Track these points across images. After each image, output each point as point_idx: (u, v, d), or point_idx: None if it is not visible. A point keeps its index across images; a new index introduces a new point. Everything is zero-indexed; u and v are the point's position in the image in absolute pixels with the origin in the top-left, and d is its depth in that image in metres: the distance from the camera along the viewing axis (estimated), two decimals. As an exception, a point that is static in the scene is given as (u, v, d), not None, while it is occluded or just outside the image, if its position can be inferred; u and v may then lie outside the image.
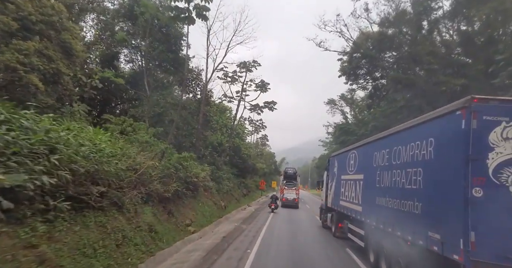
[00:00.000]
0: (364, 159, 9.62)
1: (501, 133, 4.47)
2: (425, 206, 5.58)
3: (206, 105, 20.74)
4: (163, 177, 10.11)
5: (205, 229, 12.66)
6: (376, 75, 28.14)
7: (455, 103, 5.03)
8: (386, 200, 7.26)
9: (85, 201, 5.96)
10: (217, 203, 17.93)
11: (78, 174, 5.77)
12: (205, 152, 21.34)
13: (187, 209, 12.58)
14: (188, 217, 12.03)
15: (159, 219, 9.59)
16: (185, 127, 20.11)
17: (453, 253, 4.59)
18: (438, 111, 5.53)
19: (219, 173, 21.27)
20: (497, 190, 4.40)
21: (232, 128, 30.45)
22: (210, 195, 17.57)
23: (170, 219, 10.43)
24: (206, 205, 15.43)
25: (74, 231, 5.54)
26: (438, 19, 22.27)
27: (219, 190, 20.29)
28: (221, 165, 23.59)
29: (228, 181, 23.97)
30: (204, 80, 21.09)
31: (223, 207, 18.62)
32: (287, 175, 29.89)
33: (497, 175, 4.44)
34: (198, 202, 14.55)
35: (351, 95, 43.75)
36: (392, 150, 7.23)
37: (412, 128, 6.44)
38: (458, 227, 4.52)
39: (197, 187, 14.15)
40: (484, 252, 4.28)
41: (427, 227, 5.38)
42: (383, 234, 7.33)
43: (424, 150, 5.69)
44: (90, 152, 6.49)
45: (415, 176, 5.99)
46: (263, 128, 53.19)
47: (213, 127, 26.44)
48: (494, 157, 4.46)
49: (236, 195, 26.13)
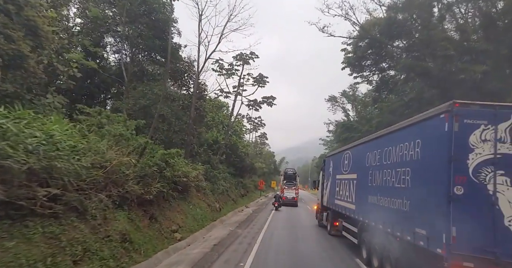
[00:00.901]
0: (357, 159, 9.91)
1: (480, 135, 4.78)
2: (413, 203, 5.88)
3: (199, 99, 19.13)
4: (144, 176, 8.78)
5: (195, 234, 11.34)
6: (383, 66, 25.80)
7: (439, 107, 5.34)
8: (377, 199, 7.57)
9: (26, 207, 4.64)
10: (211, 205, 16.52)
11: (15, 172, 4.44)
12: (198, 150, 19.80)
13: (174, 212, 11.25)
14: (175, 222, 10.69)
15: (138, 225, 8.24)
16: (177, 122, 18.28)
17: (437, 247, 4.87)
18: (424, 114, 5.86)
19: (214, 172, 19.79)
20: (476, 188, 4.69)
21: (229, 125, 28.98)
22: (203, 196, 16.19)
23: (152, 225, 9.08)
24: (198, 207, 14.08)
25: (5, 248, 4.23)
26: (452, 3, 19.91)
27: (214, 191, 18.81)
28: (217, 164, 22.12)
29: (224, 181, 22.55)
30: (196, 70, 19.22)
31: (218, 209, 17.23)
32: (287, 175, 31.07)
33: (477, 174, 4.72)
34: (188, 204, 13.21)
35: (353, 91, 42.32)
36: (383, 151, 7.52)
37: (402, 130, 6.75)
38: (441, 222, 4.80)
39: (187, 188, 12.81)
40: (464, 245, 4.57)
41: (414, 223, 5.67)
42: (374, 231, 7.68)
43: (412, 151, 5.99)
44: (39, 144, 5.16)
45: (403, 176, 6.27)
46: (262, 126, 51.88)
47: (209, 124, 25.05)
48: (474, 157, 4.75)
49: (233, 196, 24.44)
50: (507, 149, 4.74)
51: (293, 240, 11.93)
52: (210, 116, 28.67)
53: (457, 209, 4.64)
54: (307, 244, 11.42)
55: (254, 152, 50.52)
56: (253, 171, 38.67)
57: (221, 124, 28.52)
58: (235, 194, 26.20)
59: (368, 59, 25.88)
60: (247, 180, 34.71)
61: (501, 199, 4.63)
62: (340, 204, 11.28)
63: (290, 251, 9.89)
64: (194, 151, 18.64)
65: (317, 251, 10.18)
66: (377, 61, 25.67)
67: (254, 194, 38.64)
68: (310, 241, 12.01)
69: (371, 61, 26.02)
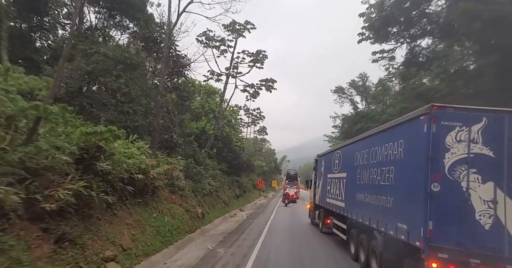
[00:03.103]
0: (347, 159, 10.20)
1: (455, 136, 5.13)
2: (396, 200, 6.22)
3: (177, 74, 14.92)
4: (38, 171, 5.03)
5: (151, 259, 7.54)
6: (415, 32, 19.42)
7: (419, 109, 5.64)
8: (364, 196, 7.92)
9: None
10: (190, 210, 12.49)
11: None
12: (177, 140, 15.42)
13: (120, 226, 7.44)
14: (116, 243, 6.87)
15: (20, 258, 4.51)
16: (146, 101, 13.12)
17: (416, 240, 5.21)
18: (406, 115, 6.18)
19: (197, 169, 15.77)
20: (451, 185, 5.04)
21: (220, 112, 23.96)
22: (179, 199, 12.24)
23: (61, 252, 5.33)
24: (167, 215, 10.24)
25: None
26: None
27: (197, 191, 15.01)
28: (203, 159, 18.40)
29: (214, 179, 18.77)
30: (167, 20, 13.97)
31: (200, 215, 13.36)
32: (289, 176, 36.59)
33: (452, 172, 5.08)
34: (151, 211, 9.43)
35: (363, 81, 37.98)
36: (370, 150, 7.83)
37: (387, 130, 7.06)
38: (419, 217, 5.14)
39: (147, 189, 9.07)
40: (440, 238, 4.93)
41: (397, 218, 5.97)
42: (361, 227, 8.07)
43: (396, 150, 6.34)
44: None
45: (388, 174, 6.65)
46: (261, 119, 47.46)
47: (196, 111, 21.33)
48: (450, 157, 5.10)
49: (224, 197, 20.59)
50: (479, 149, 5.07)
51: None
52: (199, 103, 24.73)
53: (434, 205, 4.99)
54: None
55: (253, 149, 46.89)
56: (251, 169, 35.25)
57: (212, 113, 24.47)
58: (228, 195, 22.57)
59: (395, 25, 19.50)
60: (244, 179, 31.76)
61: (473, 195, 4.98)
62: (331, 202, 11.64)
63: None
64: (173, 142, 14.78)
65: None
66: (407, 26, 19.00)
67: (253, 195, 35.90)
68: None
69: (399, 28, 19.60)
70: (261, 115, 46.76)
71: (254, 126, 50.62)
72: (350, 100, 40.29)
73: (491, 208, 4.91)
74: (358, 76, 39.03)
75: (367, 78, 38.63)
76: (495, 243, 4.83)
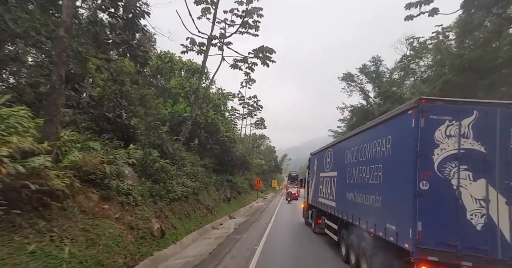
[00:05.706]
0: (338, 157, 9.99)
1: (445, 131, 4.89)
2: (384, 199, 6.01)
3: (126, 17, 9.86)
4: None
5: None
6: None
7: (407, 103, 5.54)
8: (354, 195, 7.76)
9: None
10: (139, 227, 7.80)
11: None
12: (129, 121, 10.78)
13: None
14: None
15: None
16: (37, 36, 7.88)
17: (405, 242, 4.99)
18: (394, 110, 6.02)
19: (160, 163, 11.11)
20: (441, 183, 4.80)
21: (199, 88, 17.33)
22: (120, 209, 7.62)
23: None
24: (77, 242, 5.47)
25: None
26: None
27: (158, 196, 10.10)
28: (176, 150, 13.84)
29: (193, 178, 14.28)
30: None
31: (157, 233, 8.39)
32: (290, 177, 41.60)
33: (441, 169, 4.83)
34: (33, 239, 4.71)
35: (376, 66, 32.21)
36: (359, 148, 7.66)
37: (376, 126, 6.84)
38: (408, 218, 4.90)
39: (30, 200, 4.96)
40: (429, 240, 4.69)
41: (386, 219, 5.76)
42: (351, 227, 7.85)
43: (384, 147, 6.14)
44: None
45: (376, 172, 6.44)
46: (258, 110, 41.96)
47: (174, 92, 17.85)
48: (439, 153, 4.86)
49: (208, 202, 15.44)
50: (470, 144, 4.85)
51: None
52: (177, 81, 20.39)
53: (423, 204, 4.76)
54: None
55: (250, 145, 43.98)
56: (246, 166, 29.92)
57: (194, 94, 17.90)
58: (215, 199, 17.68)
59: None
60: (238, 178, 27.70)
61: (464, 193, 4.75)
62: (323, 201, 11.44)
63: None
64: (123, 124, 10.45)
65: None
66: None
67: (249, 196, 32.05)
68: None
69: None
70: (258, 105, 41.71)
71: (251, 117, 44.00)
72: (360, 88, 35.09)
73: (483, 207, 4.67)
74: (371, 60, 33.37)
75: (380, 62, 32.90)
76: (488, 244, 4.59)
